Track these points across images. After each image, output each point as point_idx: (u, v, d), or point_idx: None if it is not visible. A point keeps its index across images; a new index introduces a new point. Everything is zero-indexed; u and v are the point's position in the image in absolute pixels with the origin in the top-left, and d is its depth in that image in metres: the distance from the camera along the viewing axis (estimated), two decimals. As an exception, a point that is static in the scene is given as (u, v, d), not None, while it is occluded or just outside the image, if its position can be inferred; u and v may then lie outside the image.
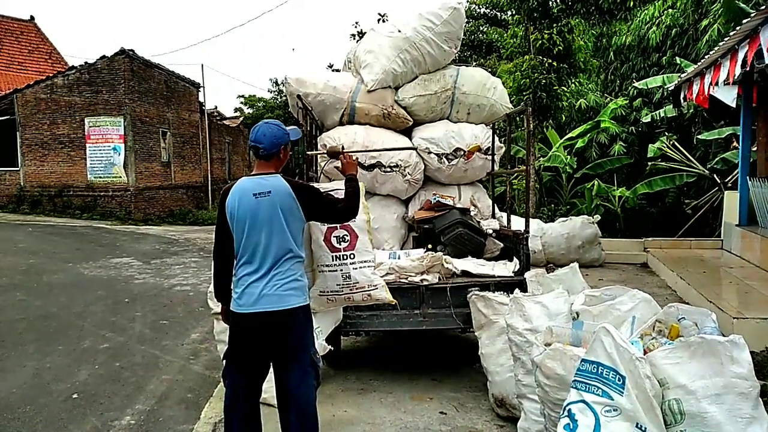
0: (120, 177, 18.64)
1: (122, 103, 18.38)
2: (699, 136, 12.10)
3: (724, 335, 2.48)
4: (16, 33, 26.20)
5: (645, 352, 2.53)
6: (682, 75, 9.13)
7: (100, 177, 18.74)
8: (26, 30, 26.84)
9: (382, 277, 4.11)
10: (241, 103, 37.42)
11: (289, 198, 2.92)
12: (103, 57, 18.50)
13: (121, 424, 4.02)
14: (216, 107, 30.81)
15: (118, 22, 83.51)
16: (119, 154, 18.55)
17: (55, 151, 18.85)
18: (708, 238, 10.71)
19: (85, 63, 18.86)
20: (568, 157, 12.89)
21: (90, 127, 18.57)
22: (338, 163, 5.44)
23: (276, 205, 2.89)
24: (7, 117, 19.00)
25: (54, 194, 18.84)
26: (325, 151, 5.11)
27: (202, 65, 29.73)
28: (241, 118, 32.37)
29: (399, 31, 5.77)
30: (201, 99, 23.81)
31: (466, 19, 6.38)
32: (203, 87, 23.66)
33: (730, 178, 10.86)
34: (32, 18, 27.53)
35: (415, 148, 5.69)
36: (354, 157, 3.50)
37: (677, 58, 12.47)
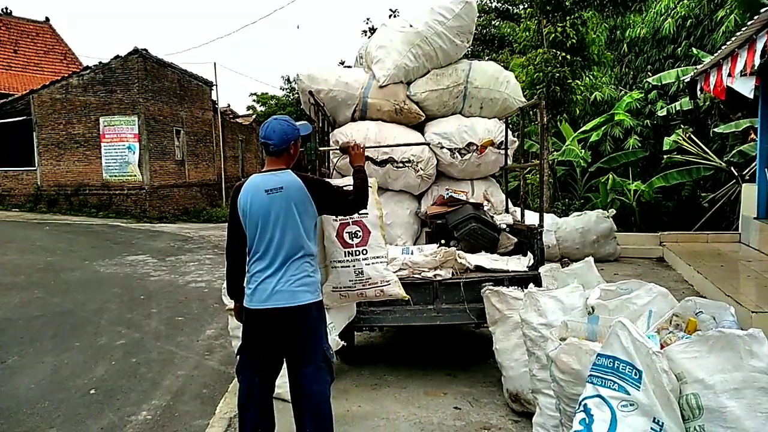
0: (135, 175, 18.81)
1: (136, 102, 18.54)
2: (716, 129, 11.94)
3: (742, 329, 2.44)
4: (31, 34, 26.54)
5: (662, 347, 2.50)
6: (698, 67, 9.00)
7: (115, 175, 18.92)
8: (41, 31, 27.18)
9: (395, 272, 4.11)
10: (254, 100, 37.60)
11: (301, 193, 2.91)
12: (117, 57, 18.66)
13: (137, 419, 4.06)
14: (229, 105, 30.97)
15: (131, 23, 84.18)
16: (134, 153, 18.72)
17: (71, 150, 19.07)
18: (725, 231, 10.57)
19: (100, 63, 19.04)
20: (583, 151, 12.77)
21: (105, 126, 18.75)
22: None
23: (289, 201, 2.89)
24: (24, 117, 19.25)
25: (70, 193, 19.06)
26: (338, 147, 5.12)
27: (215, 64, 29.79)
28: (254, 116, 32.47)
29: (410, 26, 5.74)
30: (214, 97, 23.95)
31: (478, 14, 6.34)
32: (216, 85, 23.80)
33: (747, 170, 10.70)
34: (47, 19, 27.87)
35: (427, 144, 5.66)
36: (362, 148, 3.49)
37: (693, 48, 12.30)
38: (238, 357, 3.09)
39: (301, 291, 2.91)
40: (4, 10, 26.07)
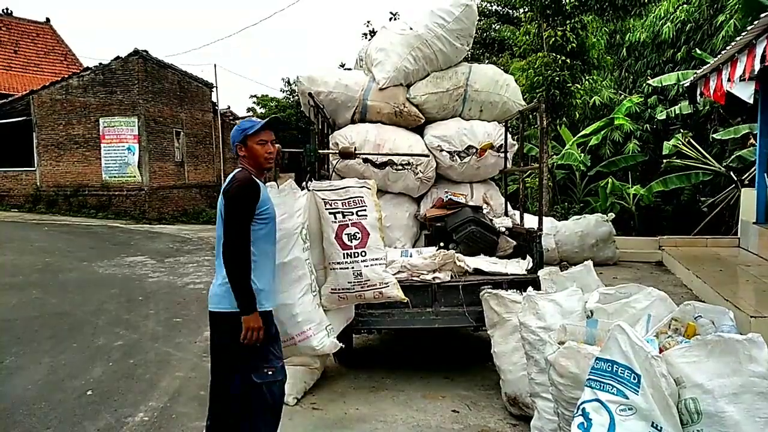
0: (134, 176, 18.80)
1: (136, 103, 18.53)
2: (715, 135, 11.95)
3: (741, 334, 2.43)
4: (32, 35, 26.56)
5: (661, 351, 2.49)
6: (698, 71, 9.01)
7: (115, 177, 18.91)
8: (42, 32, 27.19)
9: (394, 275, 4.10)
10: (254, 102, 37.45)
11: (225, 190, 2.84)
12: (117, 58, 18.66)
13: (134, 420, 4.04)
14: (229, 107, 30.95)
15: (132, 24, 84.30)
16: (133, 154, 18.71)
17: (71, 151, 19.06)
18: (724, 236, 10.57)
19: (100, 64, 19.03)
20: (582, 154, 12.78)
21: (104, 127, 18.75)
22: (350, 162, 5.46)
23: (221, 197, 2.84)
24: (24, 118, 19.24)
25: (69, 194, 19.05)
26: (338, 151, 5.12)
27: (215, 65, 29.82)
28: (254, 118, 32.47)
29: (410, 29, 5.75)
30: (214, 99, 23.96)
31: (478, 17, 6.35)
32: (216, 87, 23.81)
33: (747, 175, 10.71)
34: (48, 20, 27.88)
35: (425, 155, 5.65)
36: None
37: (697, 50, 12.30)
38: None
39: (224, 297, 2.77)
40: (5, 11, 26.09)
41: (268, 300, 2.89)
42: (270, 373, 2.79)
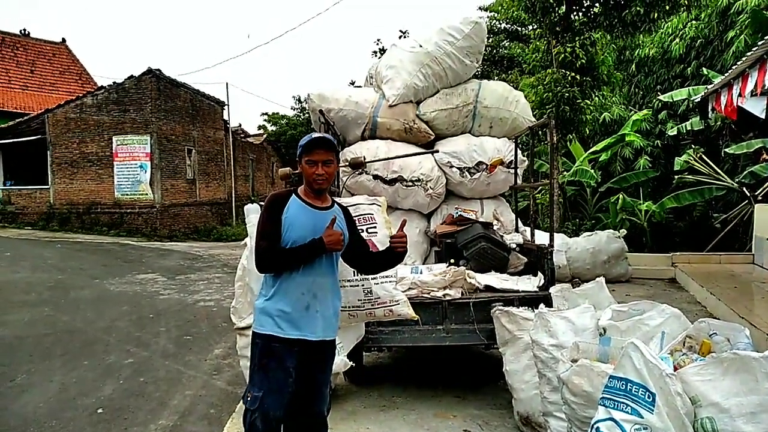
0: (146, 194, 18.97)
1: (149, 121, 18.76)
2: (727, 149, 11.88)
3: (758, 352, 2.39)
4: (48, 55, 27.07)
5: (675, 369, 2.46)
6: (709, 87, 8.99)
7: (127, 194, 19.09)
8: (58, 52, 27.72)
9: (404, 292, 4.08)
10: (265, 120, 37.86)
11: None
12: (131, 77, 18.94)
13: (144, 439, 4.03)
14: (240, 125, 31.32)
15: (145, 44, 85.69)
16: (146, 172, 18.90)
17: (84, 169, 19.29)
18: (738, 252, 10.45)
19: (114, 83, 19.33)
20: (593, 170, 12.74)
21: (117, 145, 18.97)
22: (360, 178, 5.48)
23: None
24: (39, 136, 19.52)
25: (82, 211, 19.24)
26: (348, 163, 5.14)
27: (227, 84, 30.07)
28: (265, 136, 32.78)
29: (420, 46, 5.79)
30: (225, 117, 24.21)
31: (487, 35, 6.38)
32: (227, 105, 24.07)
33: (760, 191, 10.61)
34: (63, 40, 28.43)
35: (435, 151, 5.66)
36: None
37: (704, 68, 12.29)
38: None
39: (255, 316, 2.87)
40: (22, 32, 26.63)
41: (286, 326, 2.73)
42: (248, 398, 2.76)
